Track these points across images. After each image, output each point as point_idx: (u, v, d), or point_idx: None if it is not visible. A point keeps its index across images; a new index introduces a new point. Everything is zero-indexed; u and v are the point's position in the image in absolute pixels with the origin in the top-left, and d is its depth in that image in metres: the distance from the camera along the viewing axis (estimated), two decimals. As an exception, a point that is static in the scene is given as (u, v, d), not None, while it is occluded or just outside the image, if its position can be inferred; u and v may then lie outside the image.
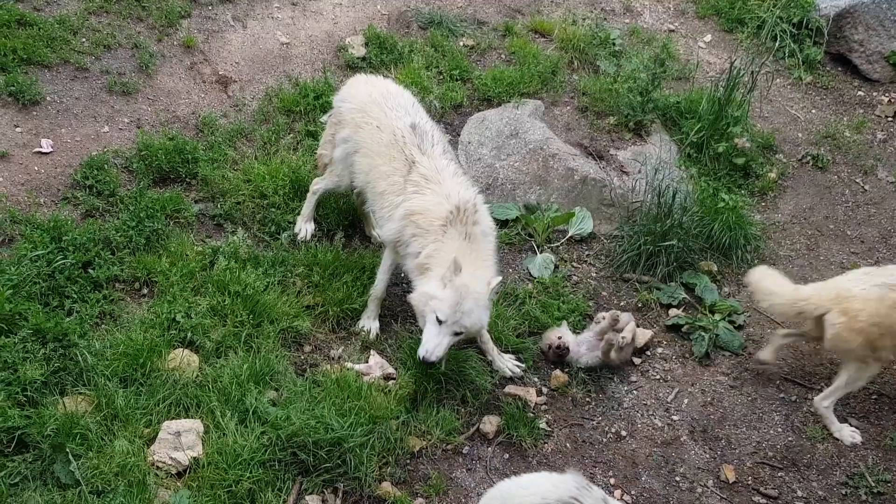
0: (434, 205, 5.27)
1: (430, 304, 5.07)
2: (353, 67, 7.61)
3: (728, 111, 7.51)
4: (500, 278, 5.24)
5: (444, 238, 5.20)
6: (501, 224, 6.69)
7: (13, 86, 6.35)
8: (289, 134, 6.92)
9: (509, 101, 7.59)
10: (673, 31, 8.96)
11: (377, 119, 5.61)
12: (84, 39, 6.98)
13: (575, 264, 6.58)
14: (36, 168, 6.06)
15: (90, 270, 5.44)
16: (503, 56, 8.15)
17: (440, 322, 5.05)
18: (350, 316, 5.72)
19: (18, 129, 6.22)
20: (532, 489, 3.90)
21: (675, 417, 5.61)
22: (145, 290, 5.58)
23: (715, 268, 6.63)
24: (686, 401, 5.72)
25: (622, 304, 6.32)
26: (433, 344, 5.07)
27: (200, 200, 6.26)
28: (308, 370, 5.35)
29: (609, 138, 7.56)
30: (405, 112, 5.64)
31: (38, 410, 4.58)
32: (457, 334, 5.13)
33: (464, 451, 5.17)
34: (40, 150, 6.17)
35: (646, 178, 6.81)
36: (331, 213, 6.32)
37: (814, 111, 8.39)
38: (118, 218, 5.83)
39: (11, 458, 4.42)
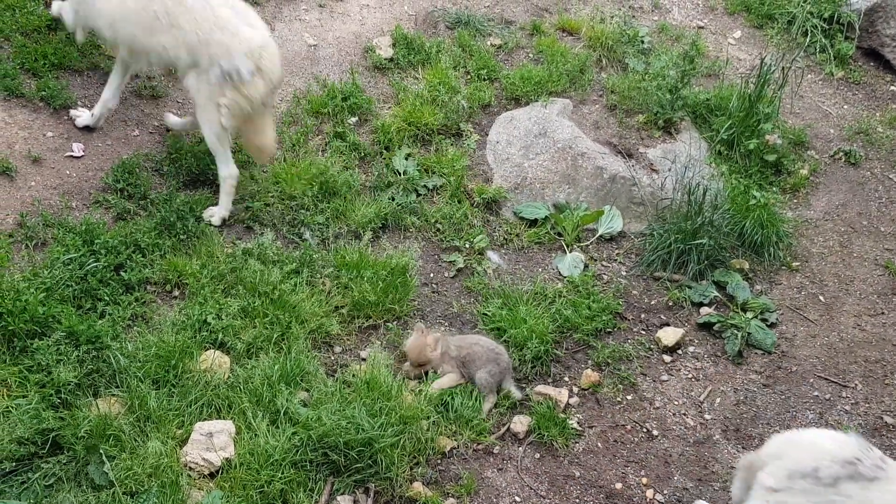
0: None
1: None
2: (380, 68, 7.62)
3: (759, 108, 7.44)
4: None
5: None
6: (530, 223, 6.68)
7: (44, 91, 6.42)
8: (317, 136, 6.94)
9: (537, 100, 7.56)
10: (702, 27, 8.89)
11: None
12: (114, 44, 7.03)
13: (605, 263, 6.55)
14: (68, 172, 6.12)
15: (122, 273, 5.48)
16: (531, 55, 8.13)
17: None
18: (381, 316, 5.73)
19: (50, 134, 6.28)
20: (819, 447, 4.06)
21: (707, 416, 5.56)
22: (176, 292, 5.62)
23: (747, 265, 6.57)
24: (718, 400, 5.67)
25: (653, 302, 6.28)
26: None
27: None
28: (338, 371, 5.36)
29: (638, 136, 7.52)
30: None
31: (72, 412, 4.62)
32: None
33: (494, 451, 5.16)
34: (72, 154, 6.23)
35: (675, 176, 6.77)
36: (360, 210, 6.32)
37: (846, 107, 8.30)
38: (149, 221, 5.87)
39: (46, 460, 4.46)
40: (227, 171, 6.02)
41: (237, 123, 5.83)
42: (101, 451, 4.49)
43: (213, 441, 4.68)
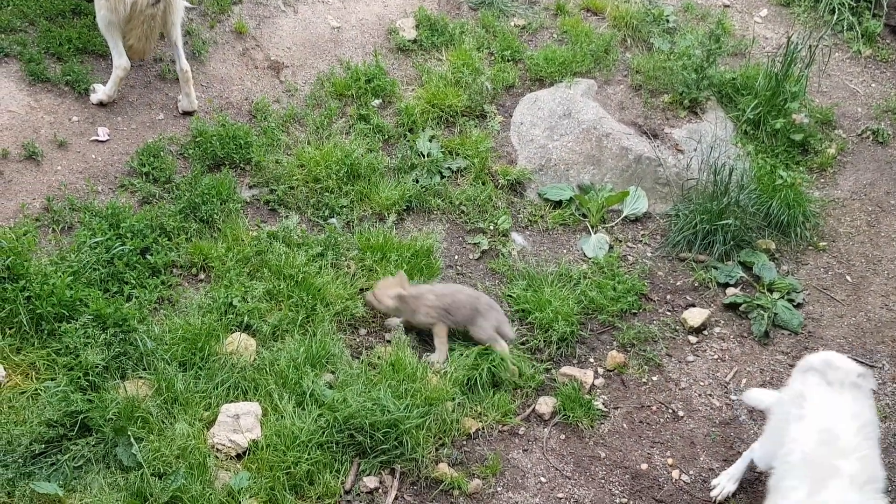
0: None
1: None
2: (403, 50, 7.60)
3: (785, 87, 7.35)
4: None
5: None
6: (555, 205, 6.65)
7: (69, 75, 6.45)
8: (341, 118, 6.93)
9: (561, 81, 7.52)
10: (728, 6, 8.79)
11: None
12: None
13: (630, 244, 6.51)
14: (93, 156, 6.16)
15: (148, 256, 5.52)
16: (555, 35, 8.07)
17: None
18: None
19: (75, 118, 6.32)
20: None
21: (733, 397, 5.53)
22: (202, 276, 5.65)
23: (773, 246, 6.52)
24: (745, 380, 5.64)
25: (678, 283, 6.24)
26: None
27: (254, 185, 6.32)
28: (363, 353, 5.37)
29: (664, 116, 7.45)
30: None
31: (100, 395, 4.67)
32: None
33: (520, 433, 5.16)
34: (97, 138, 6.26)
35: (701, 156, 6.72)
36: (384, 192, 6.32)
37: (874, 85, 8.19)
38: (174, 204, 5.90)
39: (75, 442, 4.51)
40: (119, 62, 6.32)
41: (117, 20, 6.17)
42: (129, 432, 4.53)
43: (239, 423, 4.71)
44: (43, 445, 4.47)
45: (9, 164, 5.89)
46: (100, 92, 6.42)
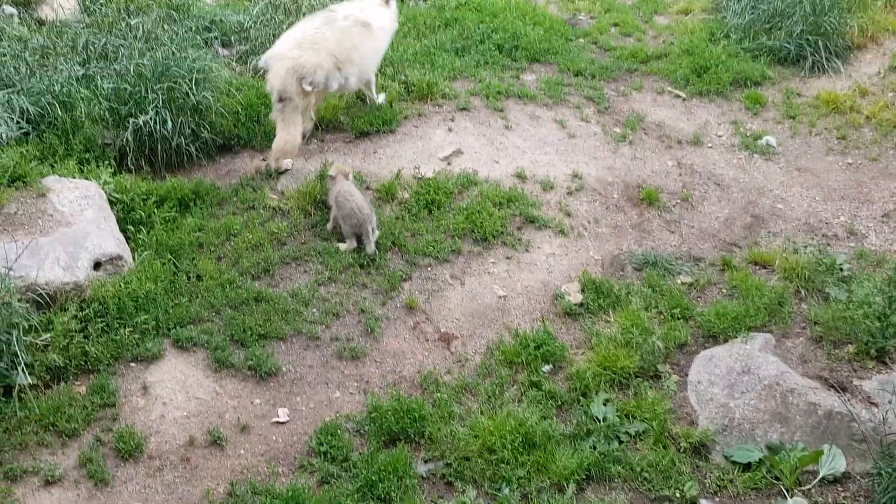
0: None
1: None
2: (570, 314, 7.63)
3: (984, 328, 6.91)
4: None
5: None
6: (744, 467, 6.27)
7: (251, 360, 6.75)
8: (512, 386, 6.90)
9: (735, 337, 7.31)
10: (903, 249, 8.53)
11: None
12: (314, 310, 7.38)
13: (832, 508, 6.01)
14: (274, 438, 6.29)
15: (328, 539, 5.46)
16: (724, 290, 7.96)
17: None
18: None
19: (257, 401, 6.53)
20: None
21: None
22: (381, 558, 5.52)
23: None
24: None
25: (895, 553, 5.65)
26: None
27: (430, 459, 6.26)
28: None
29: (850, 368, 7.07)
30: None
31: None
32: None
33: None
34: (278, 419, 6.44)
35: (898, 409, 6.27)
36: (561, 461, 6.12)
37: None
38: (352, 483, 5.89)
39: None
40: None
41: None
42: None
43: None
44: None
45: (195, 450, 6.08)
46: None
